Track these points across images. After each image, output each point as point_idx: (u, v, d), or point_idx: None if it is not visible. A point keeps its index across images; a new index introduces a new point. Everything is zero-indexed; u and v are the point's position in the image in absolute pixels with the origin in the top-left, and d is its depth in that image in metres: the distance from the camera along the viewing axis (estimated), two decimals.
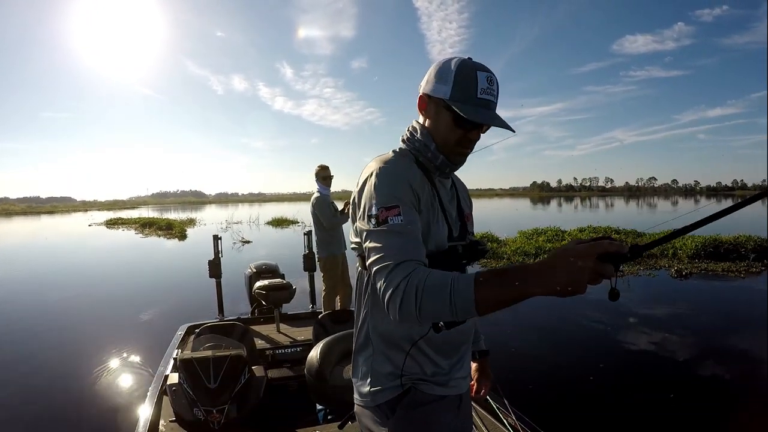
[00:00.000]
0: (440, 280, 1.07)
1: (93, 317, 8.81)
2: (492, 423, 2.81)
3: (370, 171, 1.34)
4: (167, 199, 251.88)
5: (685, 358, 5.94)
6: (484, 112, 1.32)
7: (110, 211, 77.00)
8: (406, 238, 1.20)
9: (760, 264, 12.34)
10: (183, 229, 30.07)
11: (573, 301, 8.31)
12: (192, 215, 47.15)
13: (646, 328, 7.21)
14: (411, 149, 1.42)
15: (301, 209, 47.69)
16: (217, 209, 73.11)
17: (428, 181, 1.39)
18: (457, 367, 1.46)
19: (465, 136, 1.36)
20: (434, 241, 1.35)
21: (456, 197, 1.53)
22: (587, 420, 4.35)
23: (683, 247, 13.66)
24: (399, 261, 1.15)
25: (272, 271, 5.46)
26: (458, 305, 1.04)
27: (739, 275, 11.28)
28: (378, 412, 1.38)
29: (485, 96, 1.31)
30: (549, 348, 6.42)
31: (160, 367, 3.76)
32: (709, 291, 10.11)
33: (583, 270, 0.96)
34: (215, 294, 5.44)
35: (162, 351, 4.17)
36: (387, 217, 1.22)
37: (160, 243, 23.73)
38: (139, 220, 38.92)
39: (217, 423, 2.90)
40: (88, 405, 4.90)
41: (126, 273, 13.89)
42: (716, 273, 11.58)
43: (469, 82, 1.31)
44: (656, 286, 10.52)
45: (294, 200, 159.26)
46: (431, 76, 1.37)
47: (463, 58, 1.34)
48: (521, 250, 14.38)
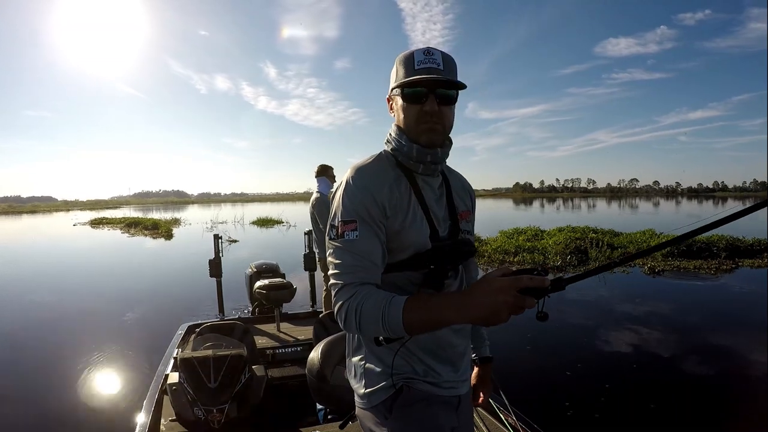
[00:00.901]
0: (374, 305, 1.18)
1: (89, 317, 8.68)
2: (493, 423, 2.80)
3: (342, 180, 1.36)
4: (149, 199, 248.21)
5: (666, 354, 6.06)
6: (422, 74, 1.32)
7: (93, 210, 75.69)
8: (357, 256, 1.26)
9: (731, 262, 12.65)
10: (169, 228, 29.74)
11: (568, 301, 8.50)
12: (175, 215, 46.45)
13: (628, 324, 7.34)
14: (391, 150, 1.41)
15: (286, 209, 47.50)
16: (200, 209, 72.21)
17: (408, 181, 1.38)
18: (451, 369, 1.43)
19: (421, 110, 1.33)
20: (412, 242, 1.33)
21: (447, 195, 1.48)
22: (586, 419, 4.34)
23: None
24: (346, 282, 1.25)
25: (273, 270, 5.41)
26: (390, 328, 1.17)
27: (710, 272, 11.57)
28: (377, 413, 1.38)
29: (423, 65, 1.32)
30: (546, 348, 6.42)
31: (161, 367, 3.72)
32: (680, 287, 10.32)
33: (502, 305, 1.03)
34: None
35: (161, 350, 4.12)
36: (344, 231, 1.28)
37: (148, 243, 23.45)
38: (124, 220, 38.32)
39: (217, 422, 2.87)
40: (89, 405, 4.86)
41: (119, 273, 13.71)
42: (688, 270, 11.88)
43: (408, 61, 1.34)
44: (631, 283, 10.77)
45: (277, 200, 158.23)
46: (390, 80, 1.41)
47: (404, 53, 1.37)
48: (501, 249, 14.58)
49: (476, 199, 1.65)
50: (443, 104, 1.33)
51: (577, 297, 8.87)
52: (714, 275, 11.31)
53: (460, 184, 1.58)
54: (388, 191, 1.32)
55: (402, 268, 1.34)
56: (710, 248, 13.61)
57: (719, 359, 5.88)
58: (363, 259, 1.26)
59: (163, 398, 3.24)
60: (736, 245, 13.89)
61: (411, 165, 1.39)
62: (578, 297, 8.91)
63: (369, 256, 1.27)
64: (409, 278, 1.35)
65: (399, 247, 1.33)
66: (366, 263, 1.26)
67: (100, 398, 5.03)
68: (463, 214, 1.50)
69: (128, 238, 26.11)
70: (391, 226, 1.32)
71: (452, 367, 1.44)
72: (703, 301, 9.10)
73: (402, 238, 1.32)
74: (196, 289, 10.17)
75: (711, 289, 10.08)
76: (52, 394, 5.15)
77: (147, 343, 6.40)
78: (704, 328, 7.35)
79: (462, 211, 1.50)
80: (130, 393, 5.02)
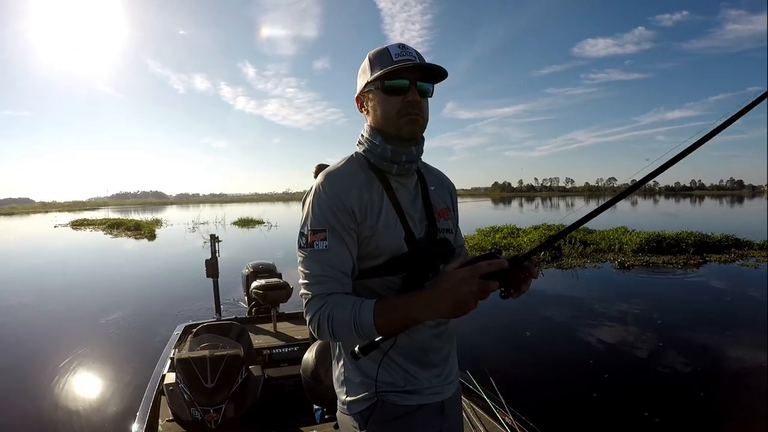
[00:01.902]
0: (344, 312, 1.18)
1: (73, 318, 8.53)
2: (489, 422, 2.78)
3: (313, 185, 1.32)
4: (127, 200, 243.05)
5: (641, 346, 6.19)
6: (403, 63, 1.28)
7: (71, 212, 73.98)
8: (326, 266, 1.24)
9: (698, 257, 12.99)
10: (152, 229, 29.35)
11: (557, 300, 8.62)
12: (154, 216, 45.60)
13: (604, 319, 7.48)
14: (363, 151, 1.36)
15: (266, 210, 47.10)
16: (179, 210, 71.00)
17: (381, 183, 1.33)
18: (435, 373, 1.38)
19: (403, 101, 1.28)
20: (387, 246, 1.28)
21: (423, 194, 1.41)
22: (583, 418, 4.32)
23: (629, 242, 14.23)
24: (316, 293, 1.24)
25: (269, 270, 5.31)
26: (363, 332, 1.17)
27: (677, 267, 11.92)
28: (354, 421, 1.35)
29: (401, 57, 1.28)
30: (543, 347, 6.40)
31: (157, 367, 3.65)
32: (647, 281, 10.60)
33: (467, 294, 1.06)
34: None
35: (152, 350, 4.06)
36: (313, 241, 1.25)
37: (132, 243, 23.12)
38: (105, 221, 37.76)
39: (214, 422, 2.85)
40: (85, 405, 4.77)
41: (107, 274, 13.55)
42: (657, 265, 12.20)
43: (383, 56, 1.30)
44: (601, 277, 11.06)
45: (256, 201, 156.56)
46: (358, 80, 1.37)
47: (371, 52, 1.35)
48: (478, 246, 14.85)
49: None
50: (422, 96, 1.31)
51: (552, 292, 9.02)
52: (682, 269, 11.64)
53: (439, 181, 1.50)
54: (357, 195, 1.27)
55: (379, 273, 1.29)
56: (679, 244, 13.95)
57: (696, 352, 5.99)
58: (332, 269, 1.24)
59: (160, 399, 3.18)
60: (705, 241, 14.24)
61: (384, 166, 1.34)
62: (554, 292, 9.06)
63: (338, 265, 1.24)
64: (386, 283, 1.30)
65: (373, 251, 1.28)
66: (335, 273, 1.24)
67: (97, 398, 4.94)
68: (441, 212, 1.43)
69: (112, 239, 25.74)
70: (362, 232, 1.27)
71: (436, 372, 1.38)
72: (676, 296, 9.32)
73: (375, 243, 1.28)
74: (186, 288, 10.05)
75: (680, 283, 10.36)
76: (49, 395, 5.06)
77: (134, 343, 6.31)
78: (682, 323, 7.52)
79: (441, 209, 1.44)
80: (127, 393, 4.93)
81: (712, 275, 11.02)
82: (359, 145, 1.38)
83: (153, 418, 2.99)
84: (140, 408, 3.09)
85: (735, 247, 14.17)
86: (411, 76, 1.28)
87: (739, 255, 13.25)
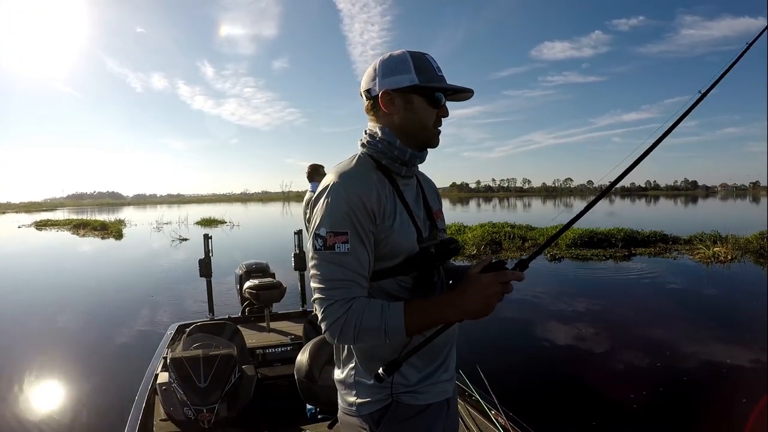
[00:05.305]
0: (374, 318, 1.14)
1: (71, 317, 8.21)
2: (483, 423, 2.71)
3: (327, 184, 1.23)
4: (84, 200, 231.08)
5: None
6: (443, 82, 1.29)
7: (28, 213, 69.68)
8: (348, 269, 1.17)
9: (626, 250, 13.78)
10: (119, 229, 28.15)
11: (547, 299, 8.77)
12: (114, 216, 43.46)
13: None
14: (372, 153, 1.29)
15: (227, 210, 45.92)
16: (137, 211, 67.57)
17: (391, 185, 1.28)
18: (442, 369, 1.34)
19: (438, 114, 1.29)
20: (403, 247, 1.25)
21: (422, 195, 1.40)
22: (578, 418, 4.18)
23: (563, 238, 14.73)
24: (337, 297, 1.16)
25: (262, 270, 5.12)
26: (391, 336, 1.15)
27: (604, 259, 12.85)
28: (362, 422, 1.28)
29: (442, 74, 1.28)
30: (540, 346, 6.28)
31: (150, 367, 3.49)
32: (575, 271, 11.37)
33: (492, 297, 1.15)
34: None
35: (147, 349, 3.89)
36: (334, 243, 1.16)
37: (103, 243, 22.29)
38: (70, 222, 36.15)
39: (207, 422, 2.74)
40: (78, 405, 4.60)
41: (87, 274, 12.75)
42: (585, 257, 13.09)
43: (427, 64, 1.26)
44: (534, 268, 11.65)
45: (215, 201, 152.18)
46: (383, 71, 1.27)
47: (405, 51, 1.30)
48: None
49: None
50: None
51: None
52: (606, 261, 12.61)
53: (429, 183, 1.49)
54: (376, 197, 1.21)
55: (394, 274, 1.25)
56: (609, 239, 14.60)
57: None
58: (353, 272, 1.17)
59: (153, 398, 3.05)
60: (633, 236, 14.94)
61: (395, 168, 1.29)
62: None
63: (359, 269, 1.18)
64: (399, 283, 1.26)
65: (390, 252, 1.23)
66: (356, 276, 1.18)
67: (90, 397, 4.74)
68: (437, 213, 1.42)
69: (80, 238, 24.74)
70: (379, 233, 1.21)
71: (444, 368, 1.35)
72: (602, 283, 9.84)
73: (392, 244, 1.23)
74: (170, 288, 9.53)
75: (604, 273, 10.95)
76: (46, 393, 4.90)
77: (123, 339, 6.17)
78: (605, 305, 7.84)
79: (436, 210, 1.42)
80: (119, 392, 4.64)
81: (632, 266, 11.83)
82: (367, 146, 1.31)
83: (146, 417, 2.87)
84: (133, 407, 2.95)
85: (662, 242, 14.85)
86: (448, 93, 1.30)
87: (664, 249, 14.03)
